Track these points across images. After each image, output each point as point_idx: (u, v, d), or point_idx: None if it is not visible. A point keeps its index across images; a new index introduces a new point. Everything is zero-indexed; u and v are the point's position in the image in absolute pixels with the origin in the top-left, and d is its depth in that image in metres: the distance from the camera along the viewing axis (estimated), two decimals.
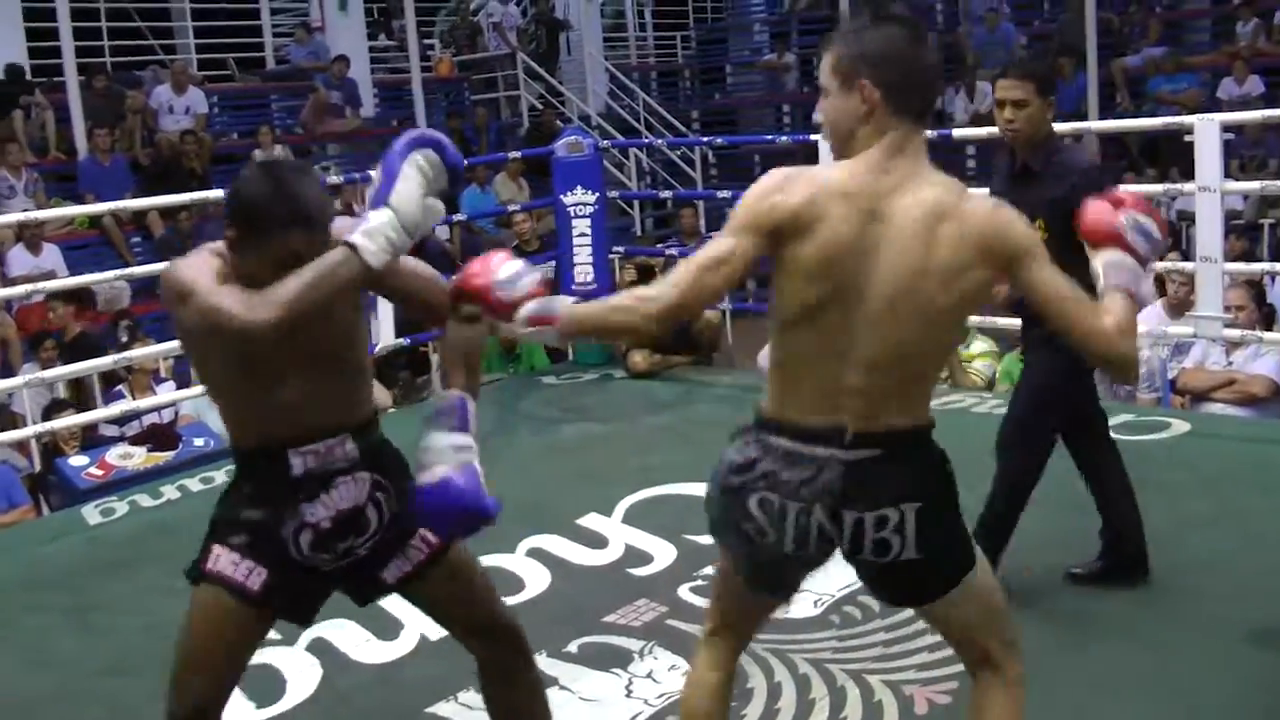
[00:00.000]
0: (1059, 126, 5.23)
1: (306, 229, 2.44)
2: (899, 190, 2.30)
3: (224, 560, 2.63)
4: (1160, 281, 7.36)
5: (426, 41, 15.48)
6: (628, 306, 2.40)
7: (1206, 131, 5.52)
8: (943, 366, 2.52)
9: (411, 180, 2.41)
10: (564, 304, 2.43)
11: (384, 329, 7.00)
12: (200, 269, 2.47)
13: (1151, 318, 6.93)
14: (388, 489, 2.69)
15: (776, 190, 2.32)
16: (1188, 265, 6.21)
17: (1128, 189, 9.72)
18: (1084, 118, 11.89)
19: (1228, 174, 6.88)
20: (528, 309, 2.41)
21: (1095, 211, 2.46)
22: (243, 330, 2.34)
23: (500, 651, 2.80)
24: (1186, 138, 5.69)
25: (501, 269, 2.45)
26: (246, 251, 2.47)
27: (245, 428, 2.65)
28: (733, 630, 2.65)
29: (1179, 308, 6.69)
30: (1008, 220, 2.34)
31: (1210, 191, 5.52)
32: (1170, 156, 10.53)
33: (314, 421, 2.58)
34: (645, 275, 7.41)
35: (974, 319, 6.95)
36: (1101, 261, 2.41)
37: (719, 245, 2.36)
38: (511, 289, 2.43)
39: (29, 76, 12.23)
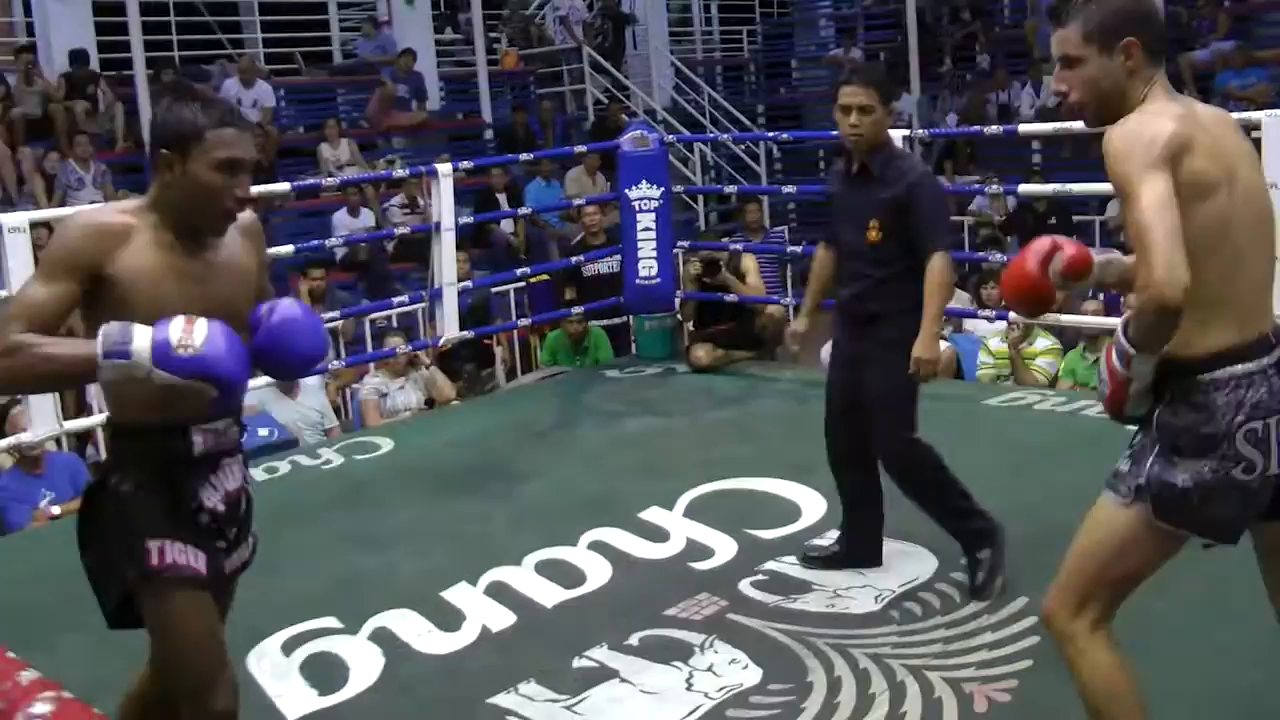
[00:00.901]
0: None
1: (237, 127, 2.52)
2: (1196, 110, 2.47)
3: (170, 551, 2.56)
4: None
5: (492, 35, 15.55)
6: None
7: (1275, 128, 5.44)
8: None
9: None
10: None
11: (448, 321, 7.04)
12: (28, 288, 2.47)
13: None
14: (249, 479, 2.79)
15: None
16: None
17: None
18: None
19: None
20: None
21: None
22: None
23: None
24: (1254, 134, 5.61)
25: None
26: (182, 172, 2.48)
27: (149, 404, 2.53)
28: (1111, 614, 2.63)
29: None
30: None
31: (1278, 188, 5.43)
32: None
33: (203, 404, 2.50)
34: (710, 269, 7.40)
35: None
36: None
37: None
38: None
39: (98, 68, 12.37)
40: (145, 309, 2.42)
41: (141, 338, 2.33)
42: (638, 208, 7.52)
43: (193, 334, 2.33)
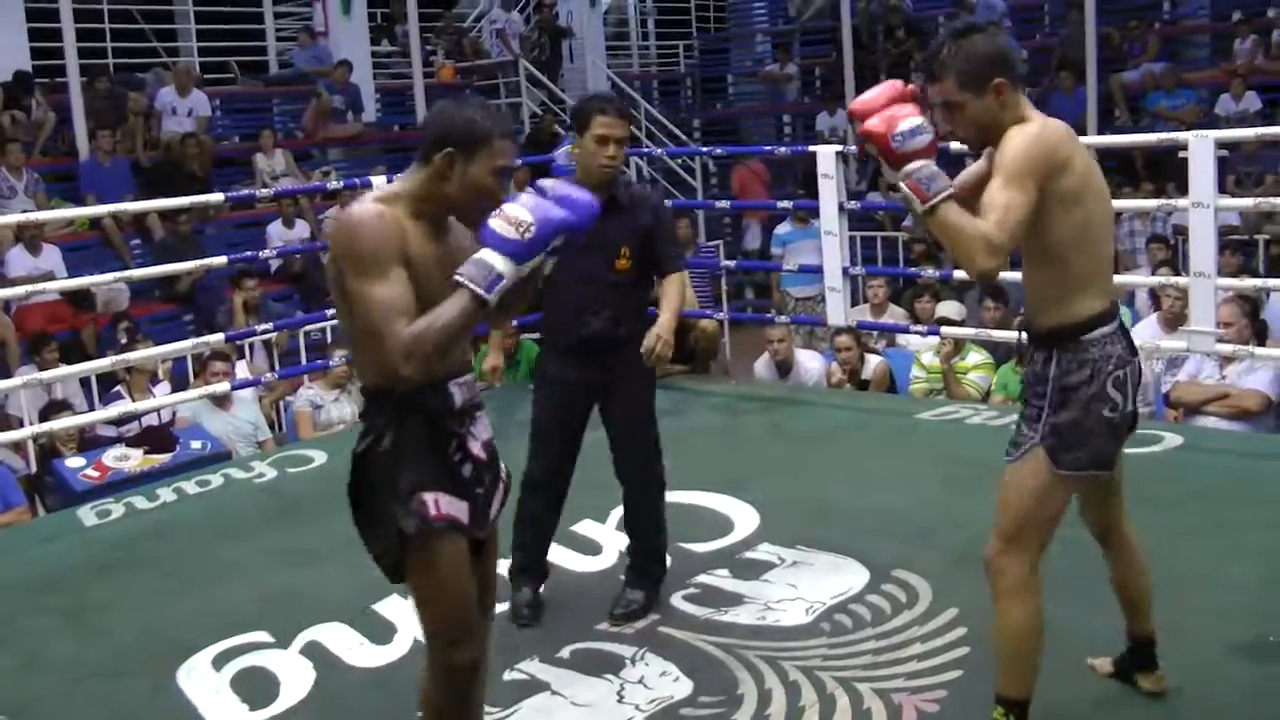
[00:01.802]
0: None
1: (512, 140, 2.74)
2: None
3: (444, 503, 2.71)
4: (1155, 296, 7.40)
5: (429, 48, 15.52)
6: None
7: (1201, 148, 5.55)
8: None
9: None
10: (943, 190, 2.78)
11: None
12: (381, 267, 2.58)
13: (1145, 331, 6.96)
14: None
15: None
16: (1182, 280, 6.24)
17: (1123, 204, 9.74)
18: (1083, 132, 11.93)
19: (1223, 190, 6.92)
20: (912, 170, 2.80)
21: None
22: (404, 363, 2.53)
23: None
24: (1182, 154, 5.72)
25: (903, 122, 2.77)
26: (463, 171, 2.67)
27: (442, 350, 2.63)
28: (1037, 561, 3.05)
29: (1173, 322, 6.73)
30: None
31: (1204, 208, 5.55)
32: (1168, 172, 10.56)
33: (459, 356, 2.76)
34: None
35: (969, 331, 7.00)
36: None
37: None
38: (904, 142, 2.76)
39: (32, 77, 12.22)
40: (419, 291, 2.59)
41: (493, 258, 2.52)
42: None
43: (519, 217, 2.52)
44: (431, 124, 2.74)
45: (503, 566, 3.70)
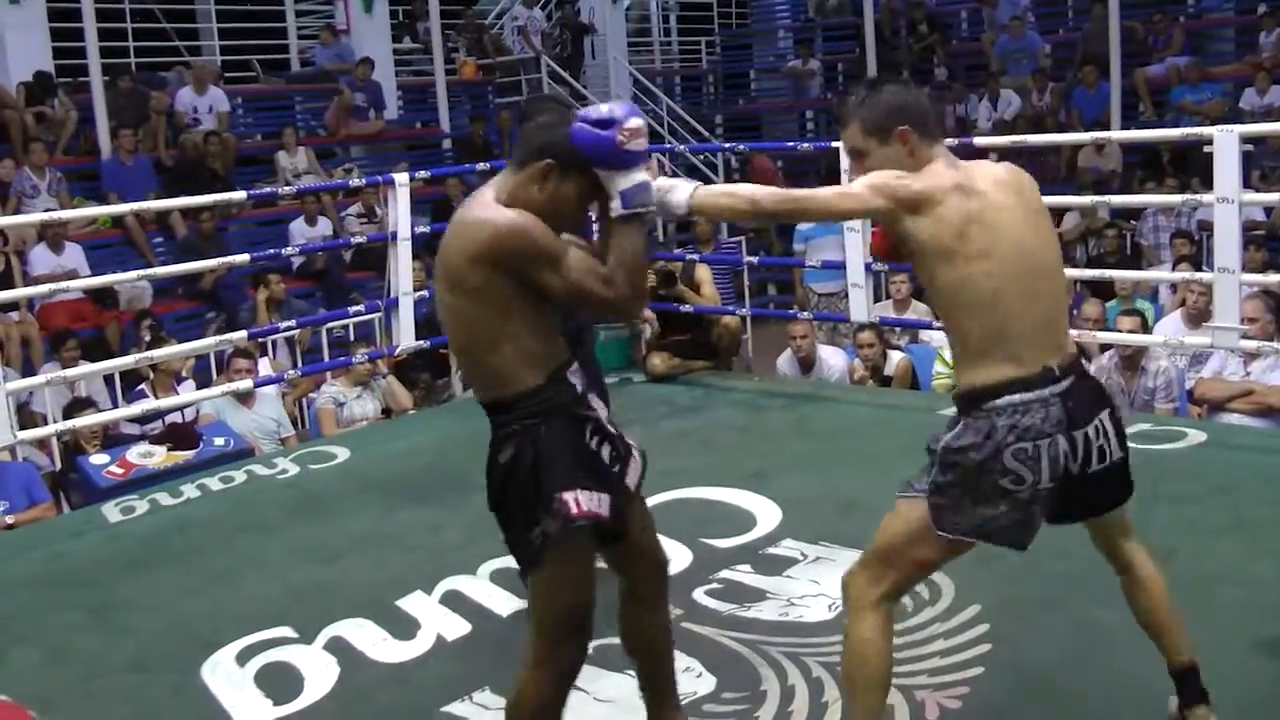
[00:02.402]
0: (1084, 136, 5.21)
1: None
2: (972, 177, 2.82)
3: (584, 500, 2.77)
4: (1179, 291, 7.36)
5: (451, 45, 15.53)
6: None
7: (1225, 143, 5.51)
8: None
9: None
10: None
11: (405, 330, 7.04)
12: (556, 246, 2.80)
13: (1169, 327, 6.93)
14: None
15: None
16: (1206, 276, 6.20)
17: (1147, 199, 9.64)
18: (1106, 127, 11.89)
19: (1248, 185, 6.88)
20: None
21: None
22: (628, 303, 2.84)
23: (659, 583, 3.15)
24: (1206, 148, 5.68)
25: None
26: (560, 182, 2.83)
27: (536, 364, 2.82)
28: (899, 596, 2.98)
29: (1197, 318, 6.69)
30: None
31: (1229, 203, 5.51)
32: (1192, 166, 10.51)
33: (562, 349, 2.89)
34: (666, 280, 7.42)
35: None
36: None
37: None
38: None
39: (53, 75, 12.28)
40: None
41: (629, 180, 2.79)
42: (593, 216, 7.52)
43: (639, 125, 2.75)
44: (536, 133, 2.90)
45: None
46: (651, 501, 5.00)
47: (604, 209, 2.87)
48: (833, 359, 7.60)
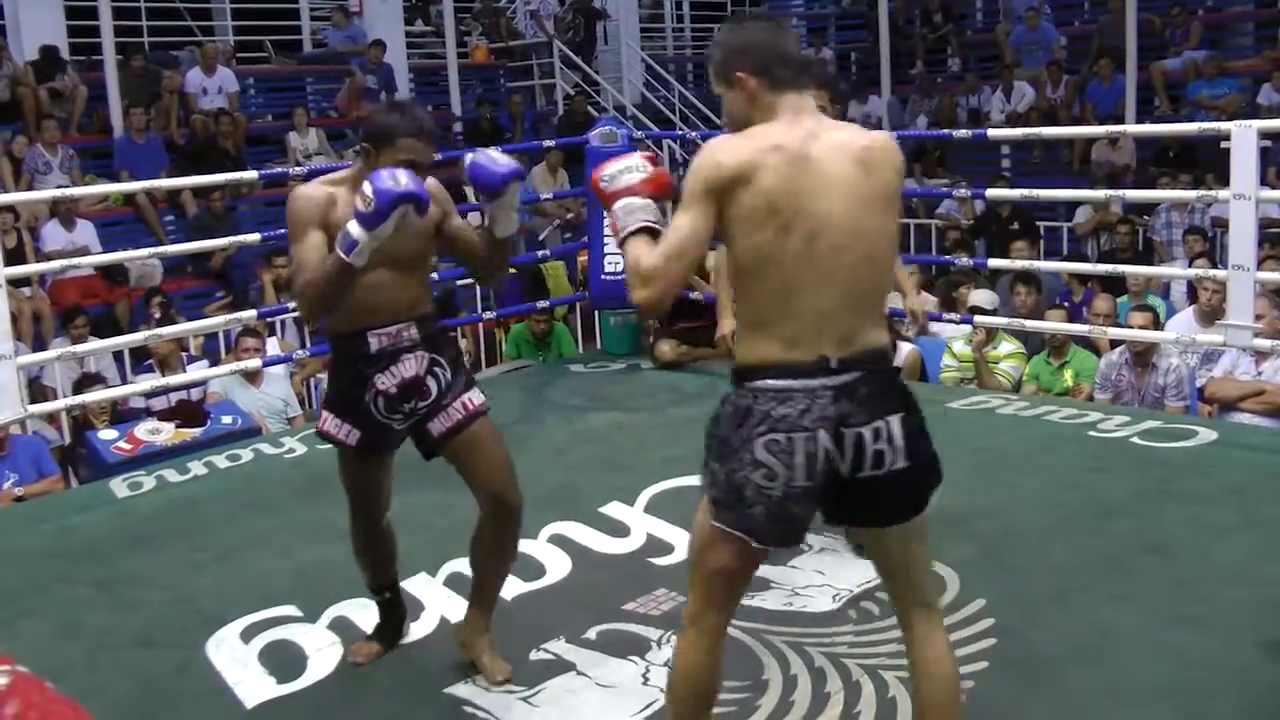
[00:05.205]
0: (1099, 130, 5.16)
1: (421, 138, 3.37)
2: (815, 138, 2.60)
3: (329, 422, 3.55)
4: (1192, 288, 7.32)
5: (463, 28, 15.51)
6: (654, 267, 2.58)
7: (1244, 138, 5.48)
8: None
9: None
10: (631, 225, 2.67)
11: None
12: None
13: (1182, 324, 6.91)
14: (443, 365, 3.56)
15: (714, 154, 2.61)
16: (1220, 273, 6.15)
17: (1163, 195, 9.61)
18: (1121, 120, 11.84)
19: (1264, 182, 6.84)
20: (615, 207, 2.71)
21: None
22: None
23: (496, 521, 3.61)
24: (1224, 144, 5.65)
25: (611, 165, 2.79)
26: (368, 166, 3.35)
27: (340, 314, 3.42)
28: (718, 610, 2.73)
29: (1210, 315, 6.66)
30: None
31: (1245, 199, 5.48)
32: (1206, 162, 10.46)
33: (387, 311, 3.44)
34: None
35: (1002, 320, 6.96)
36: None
37: None
38: (610, 183, 2.75)
39: (66, 55, 12.29)
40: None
41: (351, 227, 3.17)
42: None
43: (365, 192, 3.15)
44: (364, 123, 3.33)
45: None
46: (658, 487, 5.07)
47: None
48: None
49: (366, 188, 3.14)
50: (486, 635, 3.69)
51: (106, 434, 6.35)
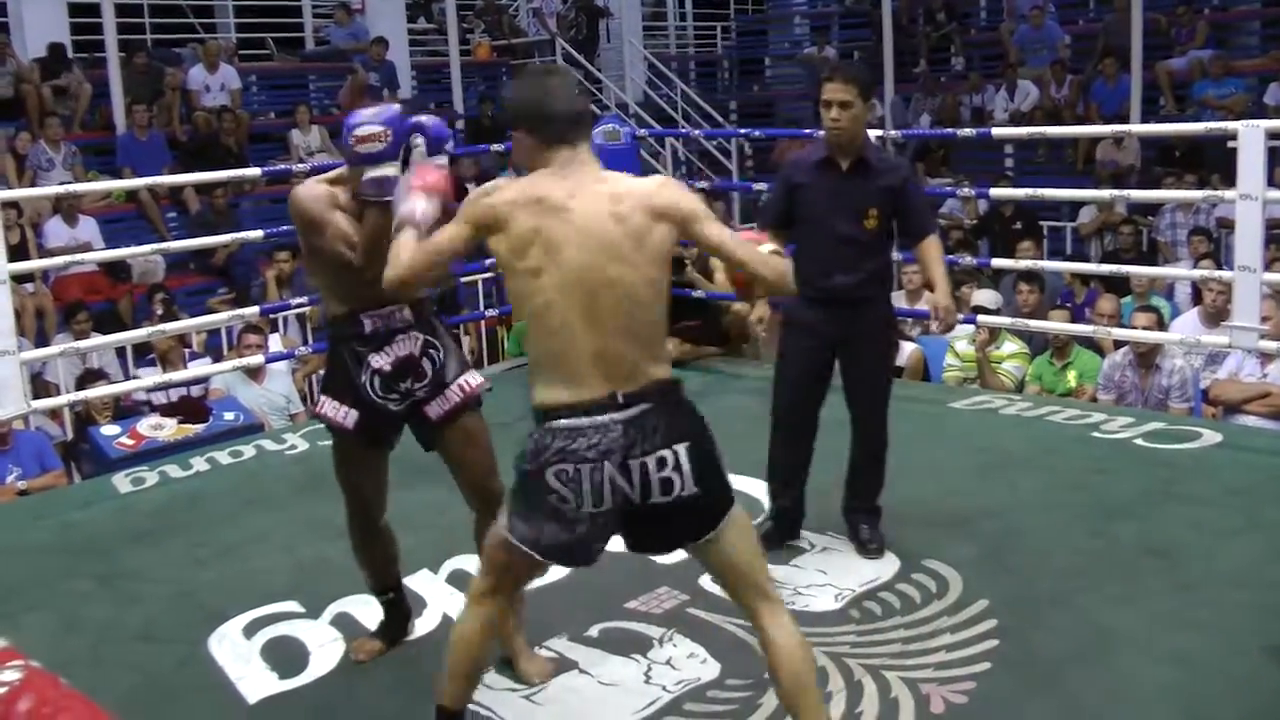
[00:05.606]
0: (1104, 129, 5.13)
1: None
2: (576, 191, 2.75)
3: (327, 406, 3.59)
4: (1196, 289, 7.29)
5: (465, 26, 15.50)
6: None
7: (1251, 138, 5.46)
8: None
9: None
10: (416, 222, 2.95)
11: None
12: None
13: (1186, 325, 6.89)
14: (437, 346, 3.60)
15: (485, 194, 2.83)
16: (1225, 274, 6.13)
17: (1169, 194, 9.57)
18: (1126, 120, 11.79)
19: (1271, 182, 6.81)
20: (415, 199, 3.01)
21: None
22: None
23: (489, 511, 3.46)
24: (1230, 144, 5.64)
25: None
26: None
27: (337, 300, 3.55)
28: (504, 596, 3.00)
29: (1215, 317, 6.64)
30: (674, 191, 2.85)
31: (1252, 200, 5.46)
32: (1212, 162, 10.42)
33: (382, 295, 3.20)
34: (676, 265, 7.39)
35: (1005, 320, 6.95)
36: None
37: None
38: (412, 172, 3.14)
39: (70, 53, 12.29)
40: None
41: (368, 174, 3.33)
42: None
43: (371, 131, 3.30)
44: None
45: None
46: None
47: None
48: None
49: (363, 129, 3.27)
50: (520, 635, 3.67)
51: (109, 429, 6.35)
